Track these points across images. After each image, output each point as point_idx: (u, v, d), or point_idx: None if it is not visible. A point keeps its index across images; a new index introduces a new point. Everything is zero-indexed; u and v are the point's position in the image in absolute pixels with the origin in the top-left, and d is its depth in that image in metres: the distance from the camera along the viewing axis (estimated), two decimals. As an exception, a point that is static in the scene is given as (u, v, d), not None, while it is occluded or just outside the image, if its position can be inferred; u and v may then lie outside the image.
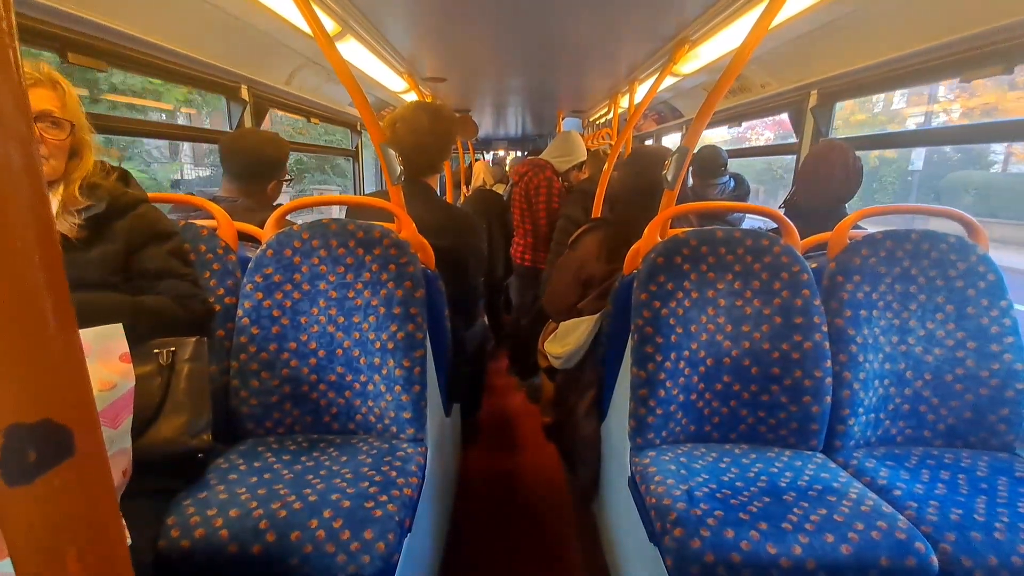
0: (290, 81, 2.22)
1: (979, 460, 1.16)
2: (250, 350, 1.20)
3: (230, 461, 1.07)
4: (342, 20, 1.59)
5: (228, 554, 0.86)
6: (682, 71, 2.16)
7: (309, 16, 1.17)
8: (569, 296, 1.62)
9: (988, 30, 1.24)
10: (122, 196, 0.99)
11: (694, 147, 1.29)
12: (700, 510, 0.95)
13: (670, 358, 1.21)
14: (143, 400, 0.91)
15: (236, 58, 1.81)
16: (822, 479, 1.07)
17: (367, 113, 1.29)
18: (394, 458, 1.08)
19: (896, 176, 11.77)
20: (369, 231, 1.25)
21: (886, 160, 11.59)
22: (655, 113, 3.81)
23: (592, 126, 4.75)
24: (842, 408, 1.22)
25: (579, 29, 1.80)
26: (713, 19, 1.56)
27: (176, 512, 0.91)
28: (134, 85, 6.90)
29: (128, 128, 1.79)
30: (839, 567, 0.88)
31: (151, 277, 1.01)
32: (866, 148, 1.91)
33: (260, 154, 1.58)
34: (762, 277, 1.25)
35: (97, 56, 1.32)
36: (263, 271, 1.23)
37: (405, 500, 0.98)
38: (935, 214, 1.38)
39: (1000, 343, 1.23)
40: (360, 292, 1.24)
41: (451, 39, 1.99)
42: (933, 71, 1.49)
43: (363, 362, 1.22)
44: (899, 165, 11.56)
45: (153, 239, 1.02)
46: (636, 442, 1.20)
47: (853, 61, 1.69)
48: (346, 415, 1.24)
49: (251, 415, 1.21)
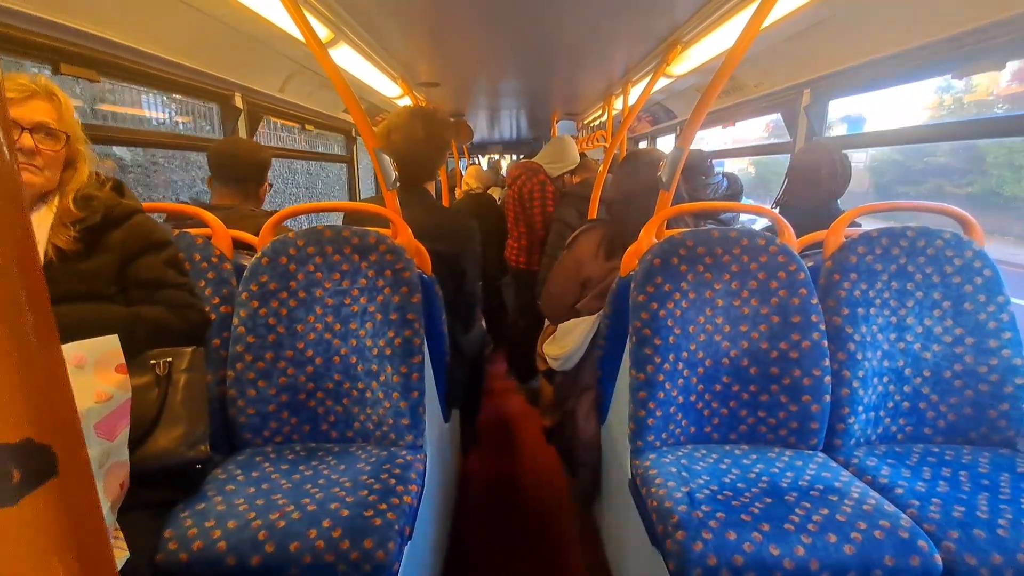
0: (284, 88, 2.22)
1: (980, 456, 1.16)
2: (246, 359, 1.20)
3: (228, 471, 1.06)
4: (335, 27, 1.59)
5: (227, 566, 0.86)
6: (675, 72, 2.16)
7: (301, 23, 1.16)
8: (567, 297, 1.62)
9: (980, 26, 1.25)
10: (117, 206, 0.99)
11: (688, 148, 1.30)
12: (702, 512, 0.95)
13: (669, 360, 1.20)
14: (140, 411, 0.90)
15: (229, 66, 1.81)
16: (823, 479, 1.06)
17: (361, 119, 1.29)
18: (393, 465, 1.08)
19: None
20: (365, 237, 1.25)
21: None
22: (649, 115, 3.82)
23: (586, 128, 4.76)
24: (842, 407, 1.22)
25: (572, 31, 1.80)
26: (705, 20, 1.57)
27: (174, 525, 0.90)
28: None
29: (119, 138, 1.79)
30: (843, 567, 0.87)
31: (147, 287, 1.01)
32: (854, 147, 1.92)
33: (253, 158, 1.62)
34: (759, 277, 1.24)
35: (90, 66, 1.32)
36: (258, 279, 1.22)
37: (405, 508, 0.97)
38: (930, 211, 1.38)
39: (998, 338, 1.23)
40: (356, 299, 1.23)
41: (444, 43, 1.99)
42: (926, 67, 1.49)
43: (361, 369, 1.22)
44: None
45: (148, 249, 1.02)
46: (636, 444, 1.20)
47: (846, 59, 1.70)
48: (344, 423, 1.23)
49: (248, 424, 1.20)
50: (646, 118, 3.93)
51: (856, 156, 2.89)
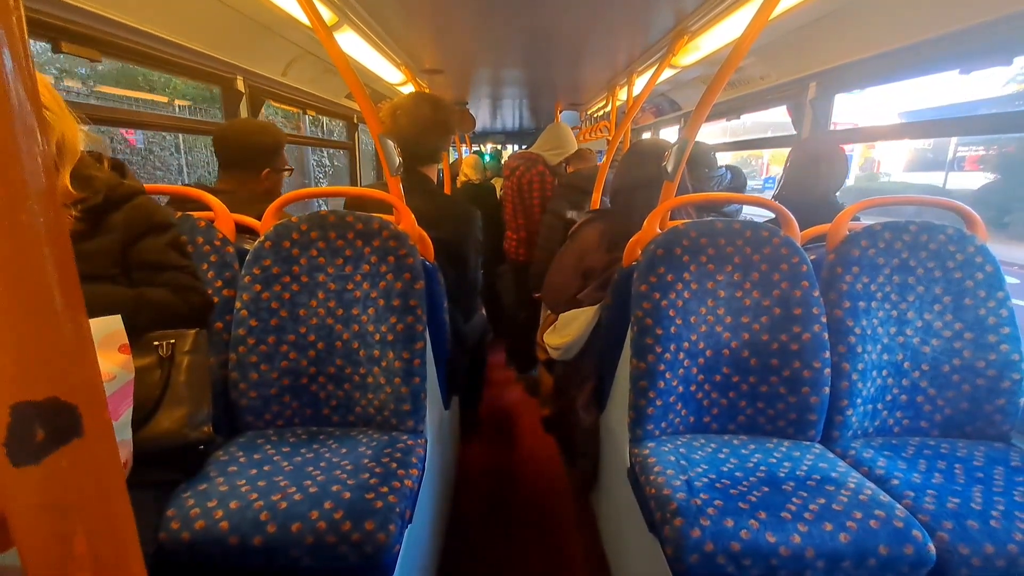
0: (286, 72, 2.20)
1: (975, 450, 1.17)
2: (249, 342, 1.20)
3: (229, 453, 1.07)
4: (339, 10, 1.58)
5: (229, 546, 0.86)
6: (681, 63, 2.15)
7: (307, 5, 1.15)
8: (569, 287, 1.62)
9: (988, 21, 1.24)
10: (119, 187, 0.98)
11: (693, 139, 1.29)
12: (700, 500, 0.96)
13: (670, 349, 1.21)
14: (143, 392, 0.91)
15: (232, 48, 1.79)
16: (820, 469, 1.07)
17: (366, 105, 1.28)
18: (394, 450, 1.08)
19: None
20: (368, 223, 1.24)
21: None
22: (653, 106, 3.80)
23: (590, 119, 4.73)
24: (840, 399, 1.23)
25: (577, 20, 1.78)
26: (712, 10, 1.55)
27: (176, 504, 0.91)
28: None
29: (121, 119, 1.78)
30: (838, 555, 0.88)
31: (149, 269, 1.00)
32: (852, 141, 1.91)
33: (250, 141, 1.54)
34: (761, 268, 1.25)
35: (91, 46, 1.30)
36: (261, 263, 1.22)
37: (406, 491, 0.98)
38: (934, 205, 1.38)
39: (997, 334, 1.24)
40: (359, 284, 1.23)
41: (449, 30, 1.97)
42: (933, 62, 1.49)
43: (362, 354, 1.22)
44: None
45: (151, 231, 1.01)
46: (635, 433, 1.21)
47: (852, 52, 1.68)
48: (345, 407, 1.24)
49: (250, 407, 1.21)
50: (650, 109, 3.91)
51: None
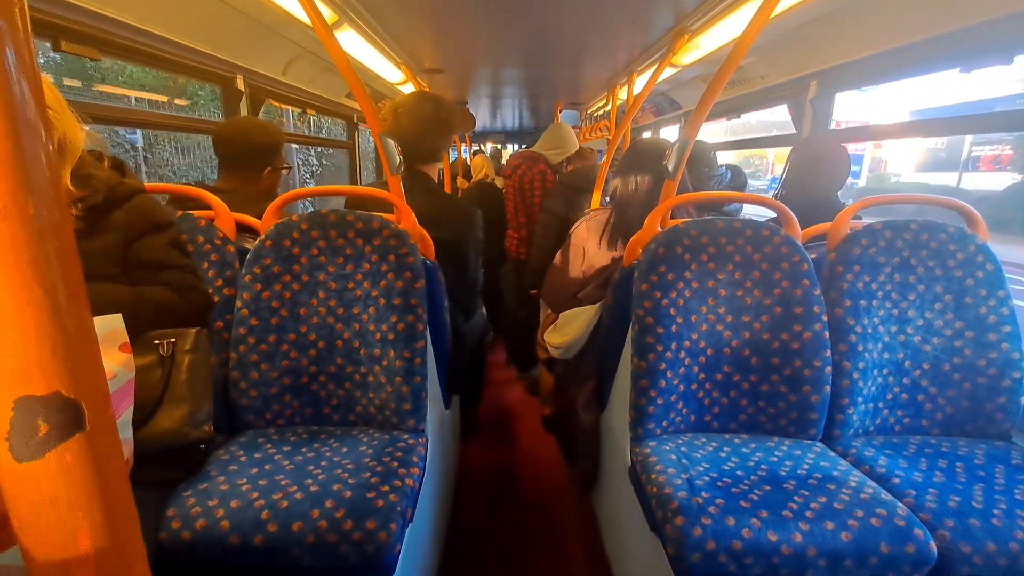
0: (286, 72, 2.20)
1: (976, 448, 1.17)
2: (249, 342, 1.20)
3: (230, 452, 1.07)
4: (340, 9, 1.58)
5: (229, 545, 0.86)
6: (681, 62, 2.15)
7: (307, 4, 1.15)
8: (569, 286, 1.62)
9: (989, 20, 1.24)
10: (119, 186, 0.98)
11: (694, 138, 1.29)
12: (701, 499, 0.96)
13: (671, 348, 1.21)
14: (144, 391, 0.90)
15: (232, 47, 1.79)
16: (822, 468, 1.07)
17: (367, 104, 1.28)
18: (395, 449, 1.08)
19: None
20: (369, 222, 1.24)
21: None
22: (653, 105, 3.80)
23: (590, 118, 4.73)
24: (841, 397, 1.23)
25: (577, 20, 1.78)
26: (712, 9, 1.55)
27: (177, 503, 0.91)
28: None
29: (121, 118, 1.77)
30: (839, 554, 0.88)
31: (150, 268, 1.00)
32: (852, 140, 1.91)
33: (250, 140, 1.54)
34: (762, 267, 1.25)
35: (91, 44, 1.30)
36: (262, 262, 1.22)
37: (407, 490, 0.98)
38: (935, 204, 1.38)
39: (998, 332, 1.24)
40: (360, 283, 1.23)
41: (449, 29, 1.97)
42: (933, 61, 1.49)
43: (363, 353, 1.22)
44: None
45: (151, 229, 1.01)
46: (636, 432, 1.21)
47: (853, 51, 1.68)
48: (346, 407, 1.24)
49: (251, 407, 1.20)
50: (650, 108, 3.91)
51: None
